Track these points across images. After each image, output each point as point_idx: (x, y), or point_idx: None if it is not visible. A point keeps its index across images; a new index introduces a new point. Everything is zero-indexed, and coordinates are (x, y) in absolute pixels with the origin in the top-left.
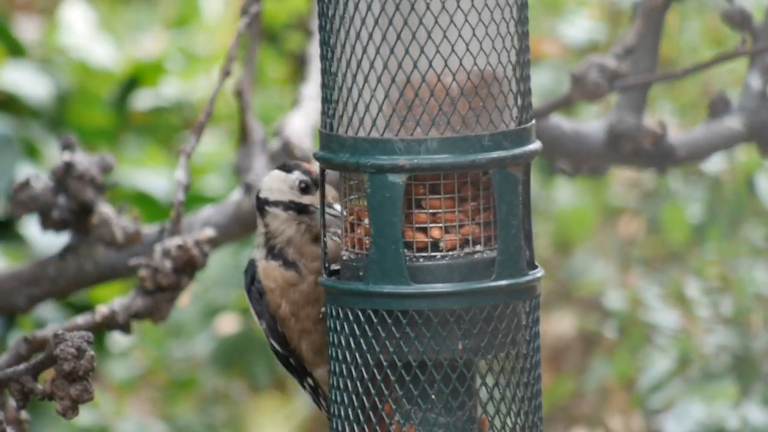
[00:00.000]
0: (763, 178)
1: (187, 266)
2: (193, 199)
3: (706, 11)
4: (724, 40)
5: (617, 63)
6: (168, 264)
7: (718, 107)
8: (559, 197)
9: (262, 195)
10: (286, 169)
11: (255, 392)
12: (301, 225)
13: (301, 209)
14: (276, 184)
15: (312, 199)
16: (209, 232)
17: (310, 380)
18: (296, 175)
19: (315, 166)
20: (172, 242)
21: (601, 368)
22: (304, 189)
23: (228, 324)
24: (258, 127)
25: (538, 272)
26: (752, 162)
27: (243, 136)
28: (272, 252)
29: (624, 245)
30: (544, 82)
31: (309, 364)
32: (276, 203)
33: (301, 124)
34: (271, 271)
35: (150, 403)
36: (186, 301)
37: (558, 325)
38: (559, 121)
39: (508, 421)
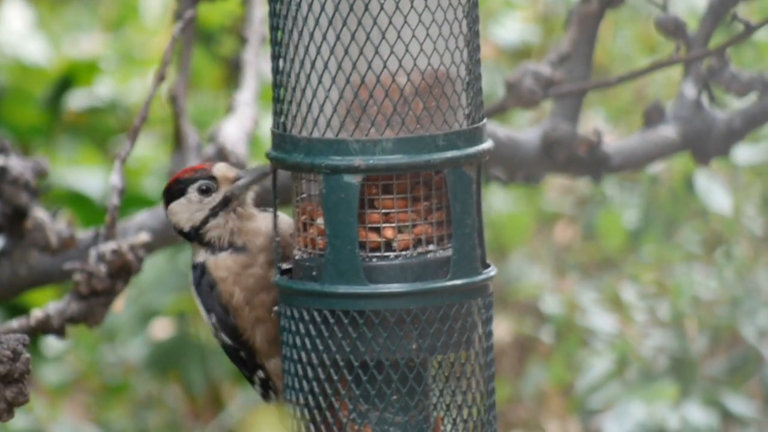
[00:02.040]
0: (702, 177)
1: (122, 271)
2: (129, 201)
3: (639, 19)
4: (658, 47)
5: (552, 70)
6: (103, 268)
7: (652, 116)
8: (495, 203)
9: (187, 228)
10: (177, 194)
11: (189, 397)
12: (232, 214)
13: (224, 204)
14: (185, 212)
15: (221, 190)
16: (144, 237)
17: (261, 373)
18: (193, 192)
19: (195, 165)
20: (107, 247)
21: (538, 373)
22: (206, 191)
23: (162, 328)
24: (192, 132)
25: (492, 271)
26: (690, 164)
27: (177, 142)
28: (217, 247)
29: (559, 251)
30: None
31: (263, 355)
32: (204, 221)
33: (236, 130)
34: (222, 262)
35: (83, 407)
36: (121, 305)
37: (494, 330)
38: (493, 128)
39: (462, 418)
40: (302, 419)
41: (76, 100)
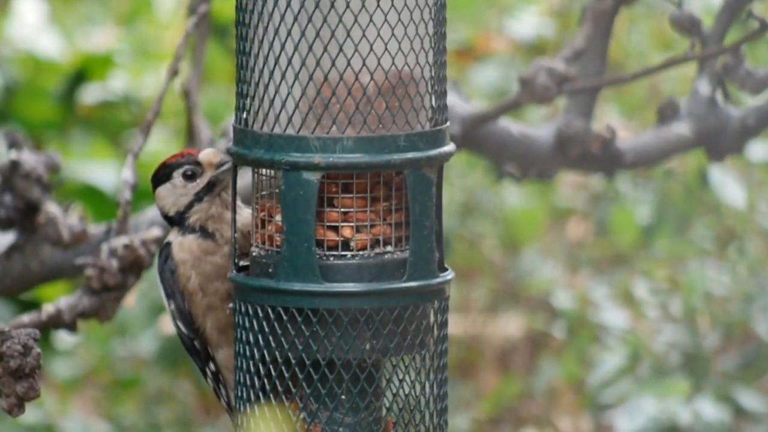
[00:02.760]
0: (716, 171)
1: (134, 266)
2: (142, 195)
3: (654, 15)
4: (672, 43)
5: (566, 66)
6: (114, 263)
7: (666, 113)
8: (508, 198)
9: (172, 212)
10: (165, 178)
11: (200, 392)
12: (216, 199)
13: (209, 189)
14: (170, 197)
15: (206, 174)
16: (156, 232)
17: (212, 365)
18: (178, 177)
19: (183, 151)
20: (119, 242)
21: (550, 369)
22: (191, 176)
23: (172, 323)
24: (205, 127)
25: (449, 274)
26: (704, 159)
27: (190, 136)
28: (189, 228)
29: (572, 247)
30: (492, 79)
31: (213, 345)
32: (189, 206)
33: None
34: (187, 244)
35: (94, 402)
36: (132, 300)
37: (506, 325)
38: (507, 124)
39: (414, 422)
40: (251, 421)
41: (90, 95)
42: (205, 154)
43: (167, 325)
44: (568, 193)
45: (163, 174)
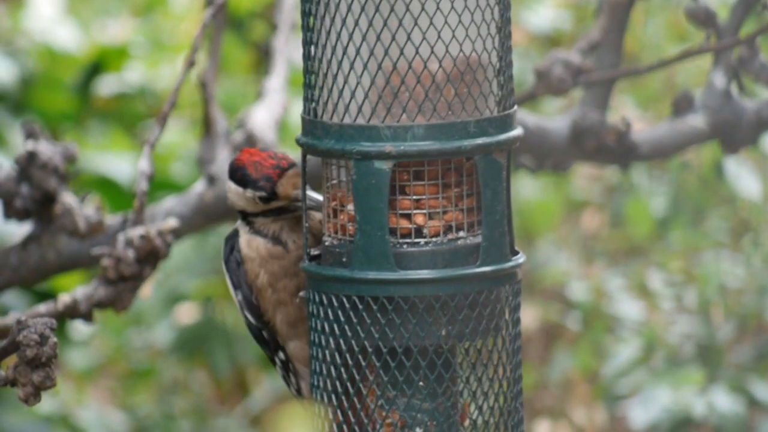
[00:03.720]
0: (731, 163)
1: (150, 256)
2: (158, 185)
3: (669, 7)
4: (688, 35)
5: (582, 59)
6: (131, 254)
7: (681, 105)
8: (523, 190)
9: (238, 208)
10: (239, 182)
11: (215, 382)
12: (284, 220)
13: (277, 212)
14: (241, 201)
15: (279, 203)
16: (172, 222)
17: (281, 354)
18: (251, 194)
19: (263, 156)
20: (135, 232)
21: (564, 360)
22: (267, 199)
23: (188, 313)
24: (221, 118)
25: (520, 258)
26: (719, 150)
27: (206, 128)
28: (261, 232)
29: (587, 239)
30: None
31: (282, 337)
32: (254, 214)
33: (265, 116)
34: (255, 244)
35: (109, 392)
36: (148, 291)
37: (521, 316)
38: (522, 116)
39: (490, 405)
40: (328, 410)
41: (106, 86)
42: (283, 188)
43: (183, 316)
44: (584, 185)
45: (239, 176)
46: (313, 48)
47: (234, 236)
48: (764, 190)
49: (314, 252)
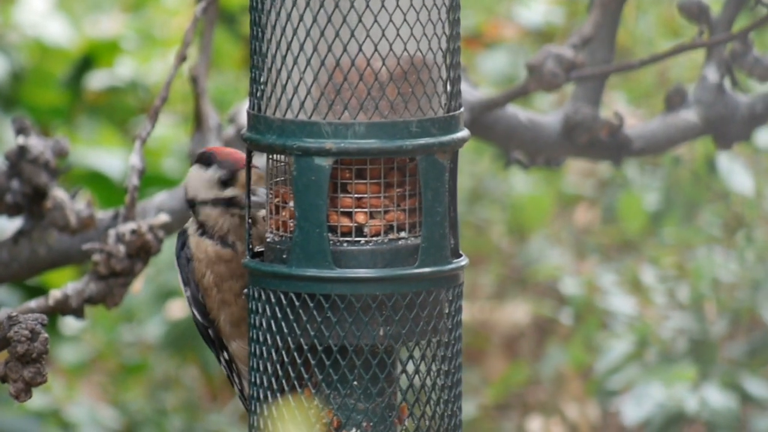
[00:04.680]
0: (724, 158)
1: (141, 251)
2: (149, 180)
3: (662, 2)
4: (681, 30)
5: (574, 53)
6: (122, 249)
7: (674, 100)
8: (516, 185)
9: (189, 195)
10: (204, 162)
11: (206, 378)
12: (234, 216)
13: (227, 203)
14: (198, 182)
15: (234, 191)
16: (164, 218)
17: (225, 354)
18: (212, 172)
19: (234, 150)
20: (126, 227)
21: (557, 355)
22: (224, 182)
23: (179, 308)
24: (213, 113)
25: (462, 261)
26: (711, 145)
27: (198, 123)
28: (208, 233)
29: (580, 233)
30: (500, 65)
31: (226, 336)
32: (203, 202)
33: None
34: (203, 246)
35: (101, 388)
36: (139, 286)
37: (513, 312)
38: (515, 111)
39: (428, 409)
40: (266, 402)
41: (97, 81)
42: (243, 176)
43: (174, 311)
44: (576, 180)
45: (205, 159)
46: (259, 43)
47: (185, 233)
48: (757, 185)
49: (257, 249)
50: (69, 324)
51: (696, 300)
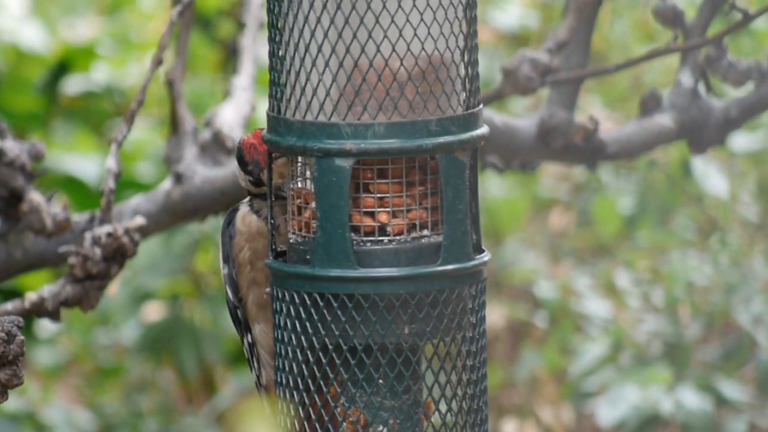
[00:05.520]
0: (699, 161)
1: (117, 254)
2: (125, 184)
3: (637, 6)
4: (655, 35)
5: (549, 58)
6: (98, 252)
7: (649, 104)
8: (491, 189)
9: (243, 185)
10: (238, 161)
11: (182, 381)
12: (279, 206)
13: (264, 197)
14: (240, 179)
15: (264, 188)
16: (139, 220)
17: (249, 337)
18: (241, 175)
19: (262, 146)
20: (102, 230)
21: (532, 358)
22: (256, 184)
23: (155, 311)
24: (189, 117)
25: (485, 256)
26: (686, 149)
27: (174, 126)
28: (257, 210)
29: (555, 237)
30: None
31: (251, 317)
32: (252, 195)
33: (232, 115)
34: (248, 219)
35: (76, 390)
36: (115, 289)
37: (488, 315)
38: (490, 115)
39: (453, 404)
40: (291, 402)
41: (72, 85)
42: (278, 168)
43: (150, 314)
44: (551, 184)
45: (237, 157)
46: (277, 45)
47: (232, 212)
48: (731, 189)
49: (280, 248)
50: (45, 326)
51: (670, 303)
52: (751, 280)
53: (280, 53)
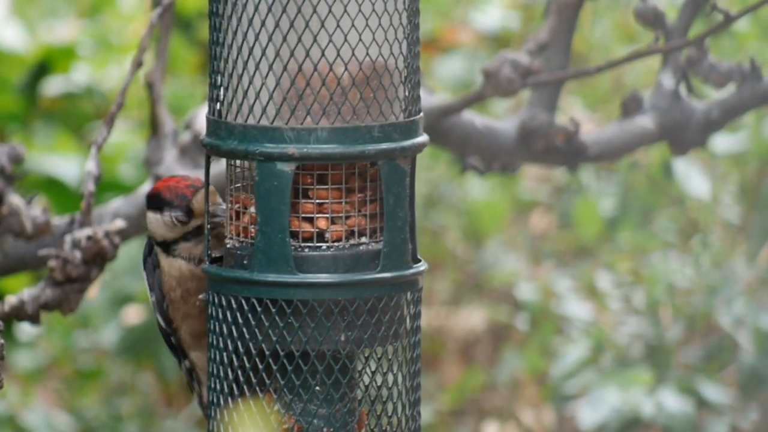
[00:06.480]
0: (680, 163)
1: (97, 257)
2: (105, 186)
3: (618, 8)
4: (637, 36)
5: (530, 59)
6: (78, 255)
7: (630, 106)
8: (471, 191)
9: (159, 239)
10: (155, 207)
11: (162, 384)
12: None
13: (195, 234)
14: (161, 228)
15: (197, 221)
16: (120, 224)
17: (186, 362)
18: (168, 216)
19: (178, 178)
20: (82, 233)
21: (513, 361)
22: (184, 221)
23: (135, 314)
24: (169, 119)
25: (422, 266)
26: (668, 151)
27: (153, 129)
28: (180, 256)
29: (535, 239)
30: (456, 71)
31: (187, 345)
32: (175, 241)
33: None
34: (177, 265)
35: (56, 394)
36: (95, 292)
37: (469, 317)
38: (471, 117)
39: (387, 412)
40: (224, 412)
41: (53, 87)
42: (199, 204)
43: (130, 317)
44: (532, 186)
45: (155, 202)
46: (219, 48)
47: (150, 241)
48: (713, 191)
49: (216, 254)
50: (25, 330)
51: (651, 305)
52: (732, 281)
53: (222, 56)
